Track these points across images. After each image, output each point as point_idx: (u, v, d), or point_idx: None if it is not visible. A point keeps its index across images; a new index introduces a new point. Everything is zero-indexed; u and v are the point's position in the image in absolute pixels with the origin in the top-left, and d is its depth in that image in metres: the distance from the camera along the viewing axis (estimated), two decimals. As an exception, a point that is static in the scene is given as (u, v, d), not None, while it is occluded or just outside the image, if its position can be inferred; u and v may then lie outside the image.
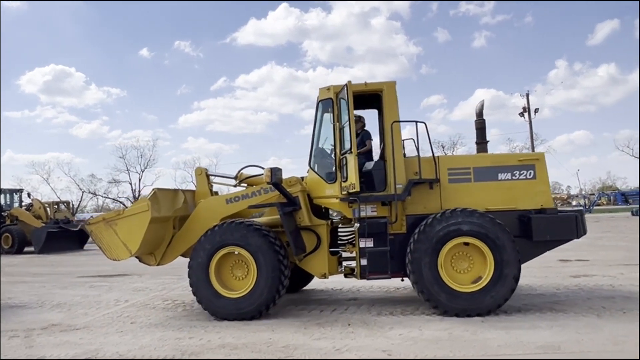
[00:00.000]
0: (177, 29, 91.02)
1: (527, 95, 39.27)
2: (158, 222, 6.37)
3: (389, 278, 6.27)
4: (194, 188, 7.60)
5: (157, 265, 6.96)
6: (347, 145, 6.26)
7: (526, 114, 38.76)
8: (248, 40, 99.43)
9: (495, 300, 5.78)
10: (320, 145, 6.97)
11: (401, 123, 6.48)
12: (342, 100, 6.39)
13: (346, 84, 6.19)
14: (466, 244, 5.94)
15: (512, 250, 5.82)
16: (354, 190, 6.09)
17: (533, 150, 35.94)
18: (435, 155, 6.37)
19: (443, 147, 64.88)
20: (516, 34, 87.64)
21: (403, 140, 6.49)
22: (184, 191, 7.25)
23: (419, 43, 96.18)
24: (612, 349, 4.29)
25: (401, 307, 6.38)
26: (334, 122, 6.59)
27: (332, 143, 6.65)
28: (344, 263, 6.93)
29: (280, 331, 5.42)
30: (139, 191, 72.02)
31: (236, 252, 6.22)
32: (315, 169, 6.80)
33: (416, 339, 4.85)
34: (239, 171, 7.49)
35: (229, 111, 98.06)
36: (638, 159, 58.71)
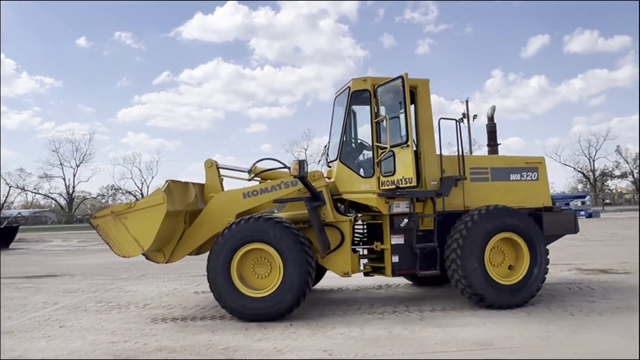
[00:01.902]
0: (118, 19, 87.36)
1: (467, 102, 41.02)
2: (171, 216, 5.95)
3: (418, 275, 6.34)
4: (135, 184, 7.25)
5: (166, 262, 6.44)
6: (400, 138, 6.13)
7: (465, 120, 40.47)
8: (193, 35, 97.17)
9: (526, 293, 6.12)
10: (352, 139, 6.87)
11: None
12: (385, 91, 6.35)
13: (402, 76, 6.09)
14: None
15: (544, 244, 6.26)
16: (407, 185, 5.97)
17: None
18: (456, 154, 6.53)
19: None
20: (457, 43, 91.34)
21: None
22: (193, 184, 6.83)
23: (366, 47, 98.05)
24: (539, 344, 4.54)
25: (343, 306, 6.43)
26: (371, 114, 6.47)
27: (352, 135, 6.68)
28: (362, 261, 6.75)
29: (221, 332, 5.31)
30: (74, 187, 68.31)
31: (253, 249, 5.89)
32: (348, 163, 6.61)
33: (357, 338, 4.90)
34: (254, 164, 7.19)
35: (172, 106, 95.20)
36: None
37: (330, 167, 6.92)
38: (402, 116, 6.14)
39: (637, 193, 68.59)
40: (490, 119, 6.06)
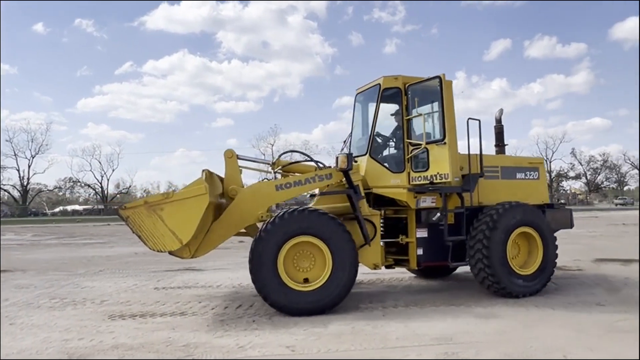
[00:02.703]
0: (78, 6, 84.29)
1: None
2: (209, 208, 5.68)
3: (450, 266, 6.76)
4: (95, 177, 6.97)
5: (191, 257, 6.11)
6: (434, 136, 6.49)
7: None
8: (158, 26, 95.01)
9: (542, 280, 6.60)
10: (382, 135, 7.00)
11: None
12: (416, 90, 6.62)
13: (440, 76, 6.36)
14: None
15: (554, 238, 6.78)
16: (442, 181, 6.26)
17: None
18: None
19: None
20: (423, 44, 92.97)
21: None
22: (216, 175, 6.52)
23: (334, 44, 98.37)
24: (496, 339, 4.66)
25: (307, 302, 6.41)
26: (402, 112, 6.69)
27: (381, 131, 6.85)
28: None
29: (181, 329, 5.19)
30: (28, 179, 65.48)
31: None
32: (378, 158, 6.76)
33: (320, 334, 4.90)
34: (279, 157, 7.19)
35: (135, 98, 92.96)
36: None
37: (356, 161, 6.89)
38: (438, 115, 6.48)
39: (589, 194, 71.78)
40: (499, 121, 6.34)
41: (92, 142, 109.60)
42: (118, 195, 74.02)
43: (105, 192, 71.13)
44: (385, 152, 7.02)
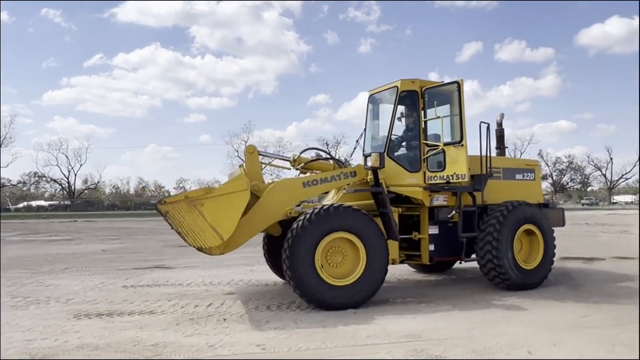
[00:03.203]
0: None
1: (405, 101, 42.21)
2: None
3: (464, 261, 7.14)
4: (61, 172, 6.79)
5: (220, 254, 6.08)
6: (455, 137, 6.79)
7: (403, 119, 41.60)
8: (129, 18, 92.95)
9: (541, 276, 7.11)
10: (397, 135, 7.26)
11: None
12: (433, 94, 6.92)
13: (458, 82, 6.71)
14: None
15: (552, 234, 7.28)
16: (459, 181, 6.61)
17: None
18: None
19: (327, 145, 67.08)
20: (397, 44, 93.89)
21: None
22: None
23: (310, 42, 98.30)
24: (464, 335, 4.75)
25: (278, 300, 6.41)
26: (418, 114, 7.02)
27: (397, 132, 7.12)
28: None
29: (149, 328, 5.10)
30: (-10, 173, 62.96)
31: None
32: (395, 158, 7.02)
33: (291, 332, 4.89)
34: (300, 154, 7.33)
35: (104, 91, 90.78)
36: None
37: None
38: (456, 118, 6.81)
39: (555, 194, 73.84)
40: (500, 124, 6.67)
41: (59, 136, 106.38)
42: (86, 191, 72.15)
43: (73, 187, 69.21)
44: (401, 152, 7.28)
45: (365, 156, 6.72)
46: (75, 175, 68.50)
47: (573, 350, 4.27)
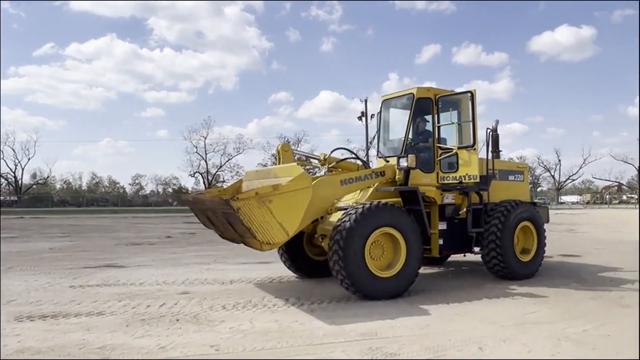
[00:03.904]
0: (-8, -22, 76.95)
1: (365, 101, 42.62)
2: None
3: (473, 253, 7.67)
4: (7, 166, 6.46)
5: (262, 250, 6.07)
6: (467, 141, 7.32)
7: (364, 118, 42.01)
8: (83, 7, 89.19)
9: (535, 267, 7.91)
10: (412, 139, 7.68)
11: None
12: (446, 101, 7.54)
13: (471, 92, 7.29)
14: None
15: (544, 230, 8.12)
16: (471, 181, 7.24)
17: (368, 152, 39.33)
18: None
19: (289, 142, 66.83)
20: (359, 44, 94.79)
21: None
22: None
23: (272, 39, 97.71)
24: (419, 332, 4.81)
25: (234, 299, 6.28)
26: (432, 119, 7.54)
27: (407, 135, 7.53)
28: None
29: (97, 330, 4.88)
30: None
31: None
32: None
33: (246, 332, 4.80)
34: (330, 153, 7.68)
35: (55, 82, 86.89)
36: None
37: (387, 161, 7.76)
38: (469, 124, 7.36)
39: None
40: (494, 130, 7.06)
41: (5, 128, 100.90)
42: (34, 186, 68.85)
43: (20, 182, 65.87)
44: (420, 155, 7.58)
45: (399, 157, 7.14)
46: (23, 169, 65.27)
47: (521, 346, 4.40)
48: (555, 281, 7.62)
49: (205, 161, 67.90)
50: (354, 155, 7.88)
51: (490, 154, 7.60)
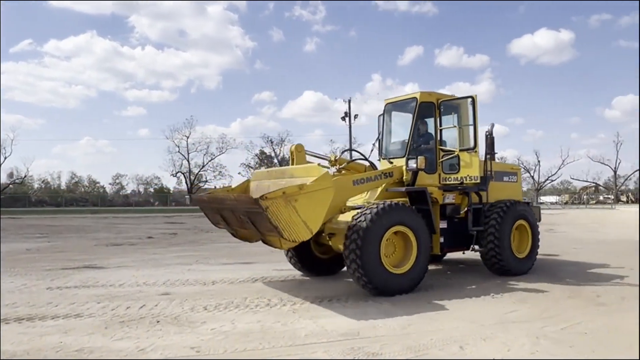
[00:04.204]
0: (-33, -28, 75.04)
1: (349, 101, 42.76)
2: None
3: (474, 251, 7.81)
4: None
5: (281, 248, 6.60)
6: (469, 144, 7.66)
7: (347, 119, 42.12)
8: (63, 3, 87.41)
9: (530, 263, 8.34)
10: (415, 141, 7.92)
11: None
12: (447, 106, 7.88)
13: (473, 97, 7.61)
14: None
15: (538, 228, 8.60)
16: (472, 182, 7.60)
17: (351, 151, 39.45)
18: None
19: (272, 143, 66.75)
20: (342, 45, 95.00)
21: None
22: None
23: (255, 38, 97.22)
24: (400, 332, 4.84)
25: (216, 300, 6.23)
26: (435, 123, 7.88)
27: (411, 138, 7.79)
28: None
29: (74, 333, 4.78)
30: None
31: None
32: None
33: (227, 333, 4.77)
34: (340, 155, 7.95)
35: (34, 79, 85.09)
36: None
37: (392, 162, 8.06)
38: (470, 128, 7.72)
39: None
40: (490, 133, 7.36)
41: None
42: (11, 186, 67.28)
43: (-5, 181, 64.25)
44: (424, 157, 7.80)
45: (408, 159, 7.46)
46: (-1, 168, 63.73)
47: (501, 344, 4.45)
48: (535, 280, 7.73)
49: (188, 161, 67.31)
50: (362, 157, 8.14)
51: (487, 156, 7.86)
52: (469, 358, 4.14)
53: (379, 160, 8.65)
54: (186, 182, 68.27)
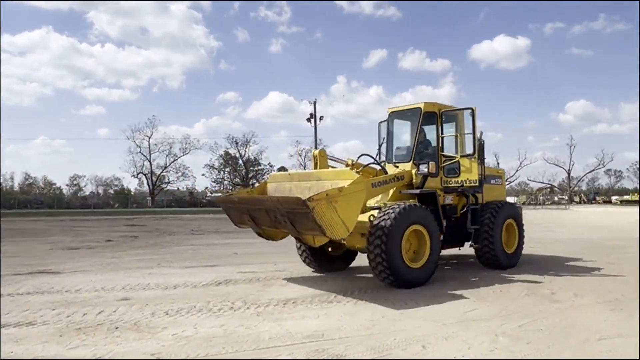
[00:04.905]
0: None
1: (314, 103, 42.88)
2: None
3: (473, 247, 8.71)
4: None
5: (314, 245, 7.18)
6: (467, 151, 8.35)
7: (312, 120, 42.22)
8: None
9: (517, 258, 9.28)
10: (418, 147, 8.52)
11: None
12: (448, 115, 8.62)
13: (472, 108, 8.21)
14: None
15: (523, 226, 9.51)
16: (471, 185, 8.29)
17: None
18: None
19: (237, 144, 66.08)
20: (308, 47, 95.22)
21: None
22: None
23: (220, 38, 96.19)
24: (365, 333, 4.87)
25: (177, 304, 6.09)
26: (437, 131, 8.57)
27: (415, 144, 8.43)
28: None
29: (27, 342, 4.57)
30: None
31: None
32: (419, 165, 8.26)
33: (190, 338, 4.67)
34: (357, 159, 8.29)
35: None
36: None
37: (397, 166, 8.66)
38: (470, 136, 8.34)
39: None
40: (480, 139, 8.07)
41: None
42: (-41, 187, 63.80)
43: (-58, 182, 60.85)
44: (422, 160, 8.42)
45: (418, 164, 8.08)
46: (-53, 169, 60.37)
47: (462, 343, 4.55)
48: (494, 279, 7.96)
49: (150, 161, 65.82)
50: (375, 161, 8.52)
51: (482, 161, 8.55)
52: (431, 358, 4.21)
53: (386, 164, 9.10)
54: (148, 184, 66.70)
